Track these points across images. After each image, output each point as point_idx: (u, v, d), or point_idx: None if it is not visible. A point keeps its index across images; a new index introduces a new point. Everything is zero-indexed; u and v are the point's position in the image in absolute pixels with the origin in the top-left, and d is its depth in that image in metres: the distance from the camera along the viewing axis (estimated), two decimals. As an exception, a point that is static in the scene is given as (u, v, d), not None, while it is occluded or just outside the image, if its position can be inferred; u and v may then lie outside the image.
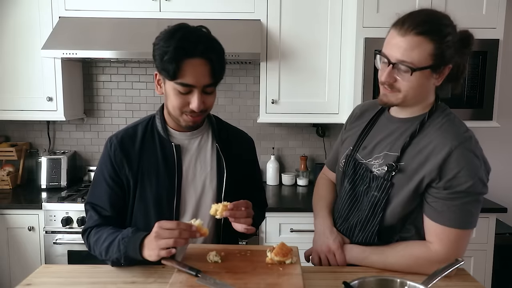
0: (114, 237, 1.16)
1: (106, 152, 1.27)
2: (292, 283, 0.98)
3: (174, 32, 1.13)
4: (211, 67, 1.14)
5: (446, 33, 1.06)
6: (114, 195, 1.25)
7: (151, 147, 1.27)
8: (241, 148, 1.39)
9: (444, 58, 1.07)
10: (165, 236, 1.05)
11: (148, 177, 1.25)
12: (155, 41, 1.17)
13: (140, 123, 1.32)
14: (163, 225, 1.07)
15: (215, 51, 1.15)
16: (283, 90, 2.52)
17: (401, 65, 1.07)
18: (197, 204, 1.29)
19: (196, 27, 1.18)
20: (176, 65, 1.11)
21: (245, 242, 2.21)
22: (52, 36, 2.36)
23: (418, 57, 1.05)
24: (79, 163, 2.90)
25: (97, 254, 1.22)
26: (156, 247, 1.05)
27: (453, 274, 1.13)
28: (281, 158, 2.92)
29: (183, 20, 1.24)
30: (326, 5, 2.46)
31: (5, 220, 2.33)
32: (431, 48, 1.05)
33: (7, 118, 2.56)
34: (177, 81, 1.13)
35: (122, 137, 1.28)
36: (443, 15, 1.10)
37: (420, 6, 2.26)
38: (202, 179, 1.30)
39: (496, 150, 2.91)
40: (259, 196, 1.48)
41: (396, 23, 1.09)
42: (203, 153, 1.32)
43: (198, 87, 1.14)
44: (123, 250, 1.12)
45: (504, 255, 2.43)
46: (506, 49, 2.65)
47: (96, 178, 1.29)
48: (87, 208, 1.28)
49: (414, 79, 1.07)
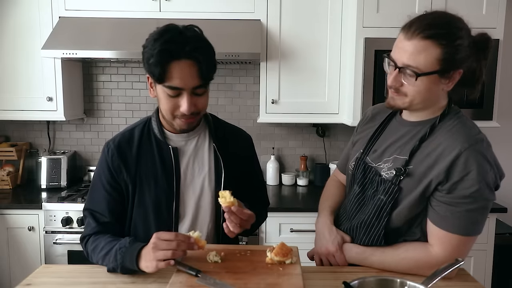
0: (112, 247, 1.14)
1: (104, 158, 1.26)
2: (292, 283, 0.98)
3: (161, 34, 1.11)
4: (199, 68, 1.11)
5: (457, 37, 1.02)
6: (113, 201, 1.24)
7: (149, 151, 1.26)
8: (239, 146, 1.37)
9: (453, 63, 1.03)
10: (163, 247, 1.03)
11: (147, 181, 1.24)
12: (144, 44, 1.15)
13: (137, 126, 1.31)
14: (161, 236, 1.05)
15: (202, 51, 1.12)
16: (283, 90, 2.52)
17: (407, 70, 1.05)
18: (197, 206, 1.28)
19: (185, 27, 1.14)
20: (161, 68, 1.09)
21: (245, 242, 2.22)
22: (52, 36, 2.36)
23: (425, 62, 1.02)
24: (79, 163, 2.90)
25: (94, 262, 1.21)
26: (153, 258, 1.03)
27: (453, 275, 1.12)
28: (281, 158, 2.92)
29: (183, 20, 1.24)
30: (326, 5, 2.46)
31: (5, 220, 2.33)
32: (439, 52, 1.02)
33: (7, 118, 2.56)
34: (165, 84, 1.12)
35: (119, 142, 1.27)
36: (455, 18, 1.06)
37: (420, 6, 2.29)
38: (201, 181, 1.29)
39: (496, 150, 2.84)
40: (260, 194, 1.47)
41: (404, 26, 1.07)
42: (200, 153, 1.30)
43: (187, 89, 1.12)
44: (119, 260, 1.10)
45: (504, 255, 2.43)
46: (506, 49, 2.65)
47: (94, 184, 1.27)
48: (85, 214, 1.27)
49: (421, 83, 1.05)
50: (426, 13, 1.08)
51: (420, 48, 1.02)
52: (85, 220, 1.27)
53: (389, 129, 1.25)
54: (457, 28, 1.04)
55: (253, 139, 1.46)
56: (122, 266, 1.10)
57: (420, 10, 2.28)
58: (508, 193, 2.88)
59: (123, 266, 1.10)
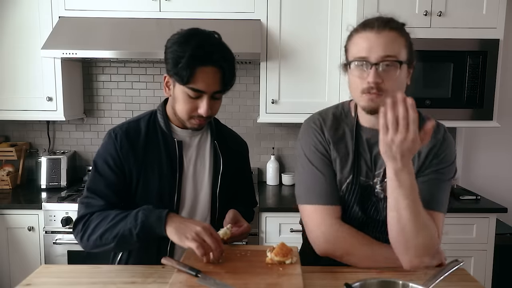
0: (129, 212, 1.14)
1: (111, 142, 1.25)
2: (292, 283, 0.98)
3: (189, 38, 1.16)
4: (223, 75, 1.17)
5: (408, 32, 1.08)
6: (119, 184, 1.23)
7: (155, 142, 1.28)
8: (236, 148, 1.44)
9: (413, 54, 1.08)
10: (205, 239, 1.06)
11: (151, 170, 1.26)
12: (168, 44, 1.19)
13: (142, 118, 1.33)
14: (209, 232, 1.07)
15: (227, 60, 1.18)
16: (283, 90, 2.52)
17: (385, 62, 1.03)
18: (194, 200, 1.32)
19: (209, 33, 1.20)
20: (190, 71, 1.13)
21: (245, 242, 2.21)
22: (52, 36, 2.35)
23: (399, 50, 1.04)
24: (79, 163, 2.90)
25: (95, 238, 1.16)
26: (186, 239, 1.05)
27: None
28: (281, 158, 2.92)
29: (183, 20, 1.25)
30: (326, 5, 2.46)
31: (5, 220, 2.33)
32: (405, 41, 1.06)
33: (7, 118, 2.56)
34: (189, 86, 1.16)
35: (127, 129, 1.28)
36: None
37: (420, 6, 2.29)
38: (201, 175, 1.33)
39: (496, 150, 2.91)
40: (249, 194, 1.53)
41: (362, 27, 1.07)
42: (202, 149, 1.35)
43: (208, 93, 1.18)
44: (142, 218, 1.11)
45: (504, 255, 2.43)
46: (506, 49, 2.65)
47: (98, 167, 1.24)
48: (87, 195, 1.22)
49: (400, 75, 1.05)
50: (374, 17, 1.09)
51: (392, 38, 1.04)
52: (83, 201, 1.23)
53: (362, 142, 1.17)
54: (404, 24, 1.09)
55: (253, 139, 1.49)
56: (143, 224, 1.10)
57: (420, 10, 2.29)
58: (508, 193, 2.89)
59: (145, 224, 1.10)
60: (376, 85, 1.04)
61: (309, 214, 1.17)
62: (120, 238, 1.13)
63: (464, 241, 2.31)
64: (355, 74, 1.08)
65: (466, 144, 2.89)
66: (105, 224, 1.15)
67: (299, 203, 1.20)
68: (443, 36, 2.30)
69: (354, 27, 1.11)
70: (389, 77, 1.04)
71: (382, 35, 1.03)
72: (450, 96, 2.36)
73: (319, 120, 1.21)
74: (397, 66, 1.04)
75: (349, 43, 1.11)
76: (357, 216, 1.18)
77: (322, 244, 1.14)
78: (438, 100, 2.35)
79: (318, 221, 1.15)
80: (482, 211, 2.32)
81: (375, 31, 1.04)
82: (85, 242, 1.20)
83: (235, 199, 1.40)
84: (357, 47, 1.07)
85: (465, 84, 2.33)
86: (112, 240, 1.14)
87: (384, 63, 1.03)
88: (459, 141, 2.87)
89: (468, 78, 2.33)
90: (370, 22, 1.06)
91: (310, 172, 1.17)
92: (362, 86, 1.06)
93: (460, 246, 2.30)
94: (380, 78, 1.04)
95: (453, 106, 2.36)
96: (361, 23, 1.08)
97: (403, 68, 1.06)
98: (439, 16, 2.30)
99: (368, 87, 1.05)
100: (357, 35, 1.08)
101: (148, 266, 1.16)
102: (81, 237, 1.20)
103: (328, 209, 1.15)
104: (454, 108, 2.36)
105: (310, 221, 1.17)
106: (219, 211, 1.34)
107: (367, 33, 1.05)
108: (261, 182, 2.89)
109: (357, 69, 1.07)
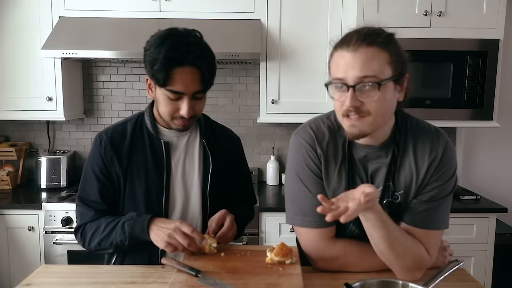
0: (116, 222, 1.20)
1: (96, 148, 1.28)
2: (292, 283, 0.98)
3: (164, 39, 1.14)
4: (201, 74, 1.15)
5: (395, 41, 1.00)
6: (106, 191, 1.27)
7: (141, 144, 1.28)
8: (228, 145, 1.41)
9: (401, 66, 0.99)
10: (177, 238, 1.10)
11: (137, 174, 1.26)
12: (146, 46, 1.19)
13: (129, 120, 1.33)
14: (181, 227, 1.11)
15: (204, 58, 1.16)
16: (283, 90, 2.52)
17: (364, 83, 0.95)
18: (185, 200, 1.31)
19: (187, 32, 1.18)
20: (165, 73, 1.12)
21: (245, 242, 2.22)
22: (52, 36, 2.35)
23: (379, 68, 0.95)
24: (79, 163, 2.90)
25: (94, 244, 1.23)
26: (164, 240, 1.11)
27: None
28: (281, 158, 2.92)
29: (183, 20, 1.25)
30: (326, 5, 2.46)
31: (5, 220, 2.32)
32: (387, 56, 0.96)
33: (7, 118, 2.56)
34: (167, 88, 1.15)
35: (112, 134, 1.29)
36: (380, 27, 1.01)
37: (420, 6, 2.29)
38: (191, 176, 1.32)
39: (496, 150, 2.91)
40: (246, 191, 1.49)
41: (340, 44, 1.00)
42: (191, 149, 1.34)
43: (188, 94, 1.16)
44: (128, 230, 1.16)
45: (504, 255, 2.43)
46: (506, 49, 2.65)
47: (86, 174, 1.29)
48: (79, 204, 1.29)
49: (382, 95, 0.96)
50: (356, 28, 1.01)
51: (370, 55, 0.95)
52: (77, 209, 1.29)
53: (356, 161, 1.12)
54: (391, 34, 1.00)
55: (253, 139, 1.48)
56: (131, 236, 1.16)
57: (420, 10, 2.28)
58: (508, 193, 2.89)
59: (132, 235, 1.15)
60: (355, 108, 0.97)
61: (302, 235, 1.15)
62: (115, 246, 1.21)
63: (464, 241, 2.31)
64: (335, 96, 1.02)
65: (466, 144, 2.89)
66: (99, 234, 1.22)
67: (291, 223, 1.15)
68: (443, 36, 2.30)
69: (335, 41, 1.03)
70: (370, 98, 0.96)
71: (359, 53, 0.95)
72: (450, 96, 2.36)
73: (311, 135, 1.14)
74: (376, 87, 0.95)
75: (330, 60, 1.04)
76: (353, 233, 1.16)
77: (318, 262, 1.14)
78: (438, 100, 2.35)
79: (313, 243, 1.13)
80: (482, 211, 2.32)
81: (351, 48, 0.96)
82: (87, 247, 1.27)
83: (229, 198, 1.38)
84: (335, 67, 1.00)
85: (465, 84, 2.34)
86: (110, 247, 1.22)
87: (362, 84, 0.95)
88: (459, 141, 2.87)
89: (468, 78, 2.33)
90: (348, 37, 0.98)
91: (302, 193, 1.12)
92: (342, 109, 1.00)
93: (460, 246, 2.30)
94: (359, 101, 0.96)
95: (453, 106, 2.36)
96: (341, 38, 1.01)
97: (387, 86, 0.97)
98: (439, 16, 2.30)
99: (347, 110, 0.98)
100: (336, 53, 1.00)
101: (148, 266, 1.17)
102: (83, 244, 1.28)
103: (321, 232, 1.11)
104: (454, 108, 2.36)
105: (304, 241, 1.15)
106: (210, 211, 1.31)
107: (343, 52, 0.97)
108: (261, 182, 2.89)
109: (336, 91, 1.01)
